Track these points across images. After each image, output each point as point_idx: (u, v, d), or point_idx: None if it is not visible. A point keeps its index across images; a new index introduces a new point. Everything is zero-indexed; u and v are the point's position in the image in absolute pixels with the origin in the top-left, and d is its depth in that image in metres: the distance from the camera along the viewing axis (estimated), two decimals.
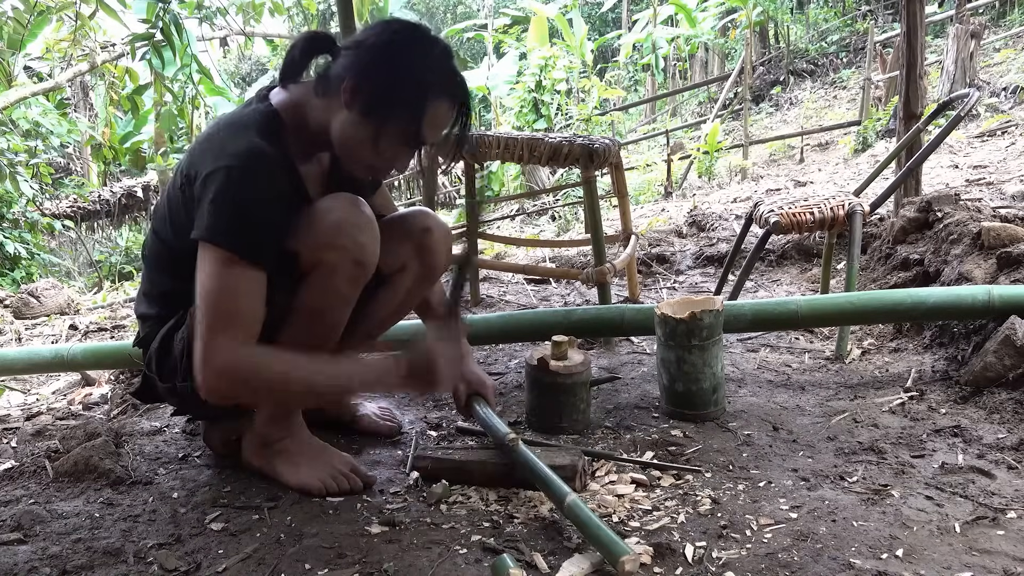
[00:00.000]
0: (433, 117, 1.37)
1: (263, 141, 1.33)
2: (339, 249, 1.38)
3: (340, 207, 1.40)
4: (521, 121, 11.04)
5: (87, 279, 9.67)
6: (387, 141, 1.37)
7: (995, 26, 12.74)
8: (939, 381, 1.96)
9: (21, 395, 2.59)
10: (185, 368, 1.46)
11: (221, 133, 1.37)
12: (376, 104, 1.34)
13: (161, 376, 1.52)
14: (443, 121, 1.40)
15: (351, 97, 1.34)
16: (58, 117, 8.56)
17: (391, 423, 1.82)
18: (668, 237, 4.42)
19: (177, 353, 1.47)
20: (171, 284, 1.50)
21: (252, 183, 1.30)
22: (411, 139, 1.39)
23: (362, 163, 1.42)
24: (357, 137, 1.37)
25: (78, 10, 6.24)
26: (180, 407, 1.67)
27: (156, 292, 1.55)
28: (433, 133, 1.40)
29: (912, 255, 2.69)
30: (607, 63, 19.84)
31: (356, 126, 1.36)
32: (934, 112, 2.71)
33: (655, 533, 1.27)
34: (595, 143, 2.51)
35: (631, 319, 2.15)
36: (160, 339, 1.51)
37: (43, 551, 1.27)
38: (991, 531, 1.23)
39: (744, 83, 11.69)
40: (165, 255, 1.50)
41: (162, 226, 1.47)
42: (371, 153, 1.38)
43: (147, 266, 1.56)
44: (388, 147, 1.38)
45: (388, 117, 1.35)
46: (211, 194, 1.29)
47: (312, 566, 1.20)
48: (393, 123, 1.35)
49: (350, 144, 1.39)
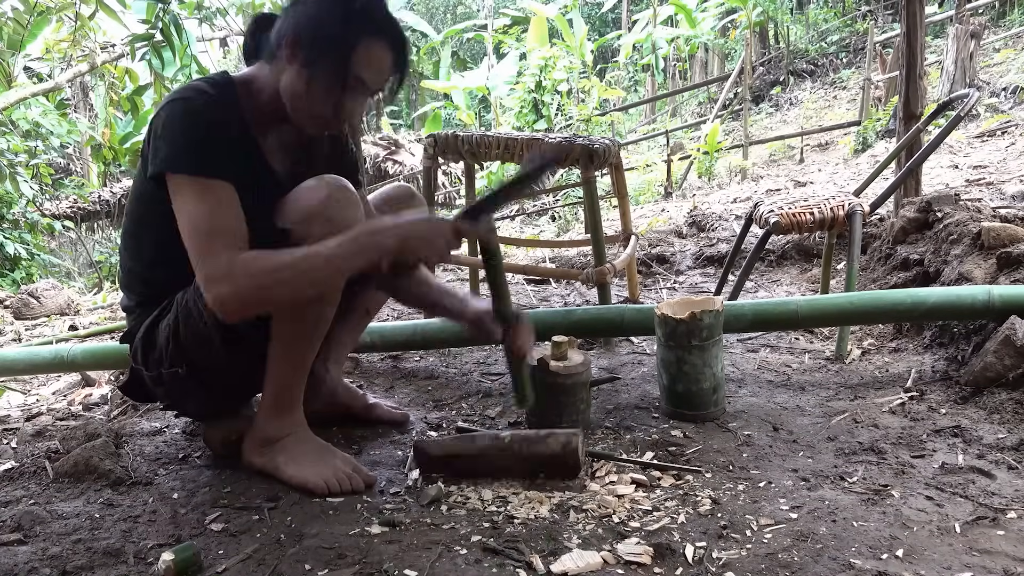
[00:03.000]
0: (365, 55, 1.40)
1: (212, 90, 1.41)
2: (328, 223, 1.39)
3: (326, 184, 1.43)
4: (521, 121, 11.04)
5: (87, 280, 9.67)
6: (323, 83, 1.40)
7: (995, 26, 12.74)
8: (939, 381, 1.96)
9: (21, 396, 2.59)
10: (171, 355, 1.48)
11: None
12: (308, 49, 1.39)
13: (147, 366, 1.55)
14: (377, 60, 1.42)
15: (290, 51, 1.40)
16: (58, 117, 8.56)
17: (403, 412, 1.89)
18: (668, 237, 4.42)
19: (163, 340, 1.50)
20: (143, 268, 1.56)
21: (199, 111, 1.37)
22: (344, 78, 1.40)
23: (308, 114, 1.44)
24: (296, 87, 1.41)
25: (78, 10, 6.24)
26: (166, 399, 1.65)
27: (132, 280, 1.59)
28: (369, 73, 1.42)
29: (912, 255, 2.69)
30: (607, 63, 19.85)
31: (295, 76, 1.41)
32: (934, 112, 2.71)
33: (655, 533, 1.27)
34: (595, 143, 2.51)
35: (631, 319, 2.15)
36: (145, 329, 1.54)
37: (43, 552, 1.27)
38: (991, 531, 1.23)
39: (744, 83, 11.69)
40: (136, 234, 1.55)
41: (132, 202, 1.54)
42: (311, 100, 1.42)
43: (122, 255, 1.61)
44: (325, 90, 1.41)
45: (319, 58, 1.39)
46: (160, 129, 1.37)
47: (312, 566, 1.20)
48: (325, 64, 1.39)
49: (293, 96, 1.43)
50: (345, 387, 1.87)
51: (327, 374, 1.83)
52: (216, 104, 1.40)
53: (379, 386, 2.21)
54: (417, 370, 2.32)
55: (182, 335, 1.47)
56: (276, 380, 1.53)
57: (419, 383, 2.21)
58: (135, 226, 1.55)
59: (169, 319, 1.49)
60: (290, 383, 1.55)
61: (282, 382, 1.53)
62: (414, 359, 2.44)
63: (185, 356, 1.49)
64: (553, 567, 1.17)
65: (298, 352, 1.52)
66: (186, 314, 1.46)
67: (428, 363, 2.39)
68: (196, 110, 1.38)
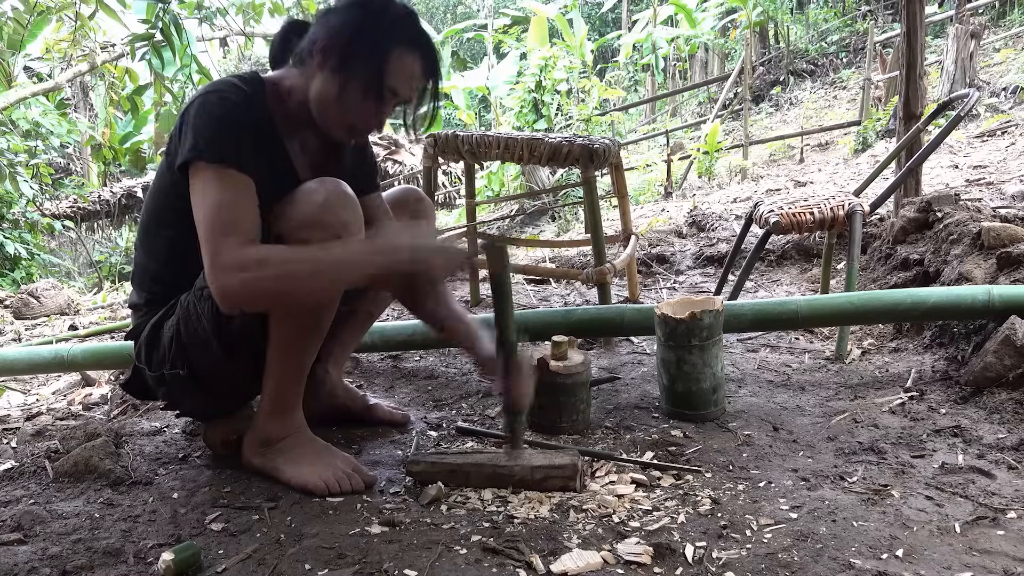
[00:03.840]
0: (397, 65, 1.42)
1: (246, 87, 1.42)
2: (324, 227, 1.39)
3: (322, 187, 1.43)
4: (521, 121, 11.04)
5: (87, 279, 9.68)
6: (353, 91, 1.42)
7: (995, 26, 12.74)
8: (939, 381, 1.96)
9: (21, 395, 2.59)
10: (174, 355, 1.49)
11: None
12: (340, 56, 1.41)
13: (150, 365, 1.55)
14: (408, 70, 1.44)
15: (322, 58, 1.42)
16: (58, 117, 8.57)
17: (403, 412, 1.89)
18: (668, 237, 4.42)
19: (166, 341, 1.50)
20: (156, 265, 1.56)
21: (228, 103, 1.39)
22: (375, 86, 1.42)
23: (336, 120, 1.46)
24: (328, 93, 1.43)
25: (78, 10, 6.24)
26: (167, 399, 1.65)
27: (144, 277, 1.59)
28: (399, 82, 1.44)
29: (912, 255, 2.69)
30: (607, 63, 19.85)
31: (326, 83, 1.43)
32: (934, 112, 2.71)
33: (655, 533, 1.27)
34: (595, 143, 2.51)
35: (631, 319, 2.15)
36: (150, 328, 1.54)
37: (43, 551, 1.27)
38: (991, 531, 1.23)
39: (744, 83, 11.69)
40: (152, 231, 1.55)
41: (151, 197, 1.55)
42: (341, 108, 1.44)
43: (137, 251, 1.61)
44: (355, 98, 1.43)
45: (352, 67, 1.41)
46: (190, 118, 1.37)
47: (312, 566, 1.20)
48: (357, 72, 1.41)
49: (323, 102, 1.44)
50: (345, 388, 1.87)
51: (327, 376, 1.83)
52: (248, 100, 1.42)
53: (379, 386, 2.21)
54: (417, 370, 2.32)
55: (183, 336, 1.47)
56: (274, 382, 1.53)
57: (419, 383, 2.21)
58: (152, 222, 1.55)
59: (173, 320, 1.49)
60: (288, 385, 1.54)
61: (280, 384, 1.53)
62: (414, 359, 2.44)
63: (186, 358, 1.49)
64: (553, 567, 1.17)
65: (296, 355, 1.51)
66: (186, 316, 1.46)
67: (428, 363, 2.39)
68: (229, 103, 1.39)
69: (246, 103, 1.41)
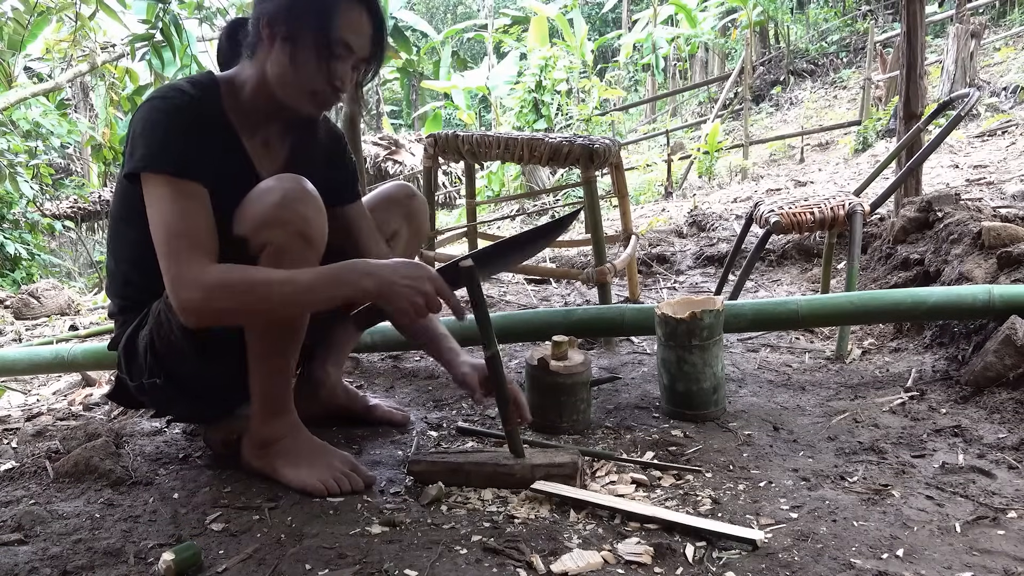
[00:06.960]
0: (345, 19, 1.39)
1: (194, 90, 1.39)
2: (284, 225, 1.36)
3: (279, 184, 1.39)
4: (521, 121, 11.05)
5: (87, 280, 9.68)
6: (307, 53, 1.39)
7: (995, 26, 12.75)
8: (939, 381, 1.96)
9: (21, 395, 2.59)
10: (150, 365, 1.48)
11: None
12: (287, 22, 1.38)
13: (130, 376, 1.54)
14: (356, 21, 1.41)
15: (270, 30, 1.40)
16: (58, 118, 8.57)
17: (404, 412, 1.88)
18: (668, 237, 4.42)
19: (141, 351, 1.49)
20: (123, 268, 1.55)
21: (178, 110, 1.36)
22: (326, 41, 1.39)
23: (297, 90, 1.42)
24: (283, 64, 1.40)
25: (78, 11, 6.24)
26: (152, 406, 1.65)
27: (113, 282, 1.58)
28: (349, 34, 1.40)
29: (912, 255, 2.69)
30: (607, 63, 19.86)
31: (279, 54, 1.40)
32: (934, 112, 2.71)
33: (655, 533, 1.27)
34: (595, 143, 2.51)
35: (631, 319, 2.15)
36: (126, 339, 1.53)
37: (43, 551, 1.27)
38: (992, 531, 1.23)
39: (744, 83, 11.69)
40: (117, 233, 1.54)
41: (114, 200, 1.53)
42: (298, 74, 1.40)
43: (108, 258, 1.60)
44: (310, 59, 1.39)
45: (300, 29, 1.38)
46: (138, 127, 1.35)
47: (312, 566, 1.20)
48: (306, 32, 1.38)
49: (280, 76, 1.41)
50: (345, 389, 1.87)
51: (327, 376, 1.83)
52: (197, 103, 1.38)
53: (379, 386, 2.21)
54: (417, 370, 2.32)
55: (157, 346, 1.46)
56: (259, 387, 1.51)
57: (419, 383, 2.21)
58: (116, 225, 1.53)
59: (146, 331, 1.48)
60: (274, 387, 1.52)
61: (266, 387, 1.51)
62: (414, 359, 2.44)
63: (162, 366, 1.48)
64: (553, 567, 1.17)
65: (274, 361, 1.49)
66: (158, 325, 1.45)
67: (428, 363, 2.39)
68: (175, 109, 1.35)
69: (192, 106, 1.37)
